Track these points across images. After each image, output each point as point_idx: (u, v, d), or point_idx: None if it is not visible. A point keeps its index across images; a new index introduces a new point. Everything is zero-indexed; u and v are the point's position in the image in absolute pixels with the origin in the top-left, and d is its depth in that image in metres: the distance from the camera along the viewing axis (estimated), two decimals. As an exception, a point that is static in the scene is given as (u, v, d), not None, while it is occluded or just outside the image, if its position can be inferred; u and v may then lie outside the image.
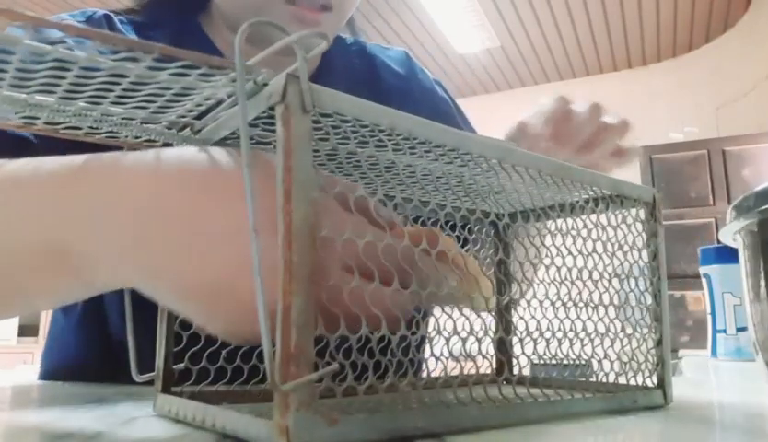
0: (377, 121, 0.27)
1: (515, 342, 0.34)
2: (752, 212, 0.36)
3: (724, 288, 0.97)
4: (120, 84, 0.28)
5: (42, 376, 0.65)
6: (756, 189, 0.37)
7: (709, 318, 0.99)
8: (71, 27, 0.26)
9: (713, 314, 0.98)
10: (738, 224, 0.38)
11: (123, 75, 0.27)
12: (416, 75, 0.77)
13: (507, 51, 4.20)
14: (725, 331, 0.96)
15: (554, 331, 0.34)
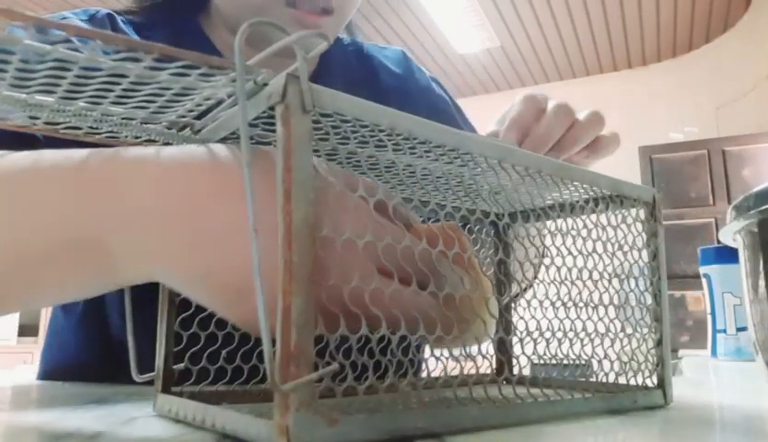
0: (377, 121, 0.27)
1: (515, 342, 0.34)
2: (752, 212, 0.36)
3: (724, 288, 0.97)
4: (120, 84, 0.28)
5: (42, 375, 0.65)
6: (756, 189, 0.37)
7: (709, 318, 0.99)
8: (71, 26, 0.26)
9: (713, 314, 0.98)
10: (738, 224, 0.38)
11: (123, 75, 0.27)
12: (414, 75, 0.77)
13: (507, 51, 4.20)
14: (725, 331, 0.96)
15: (554, 331, 0.34)
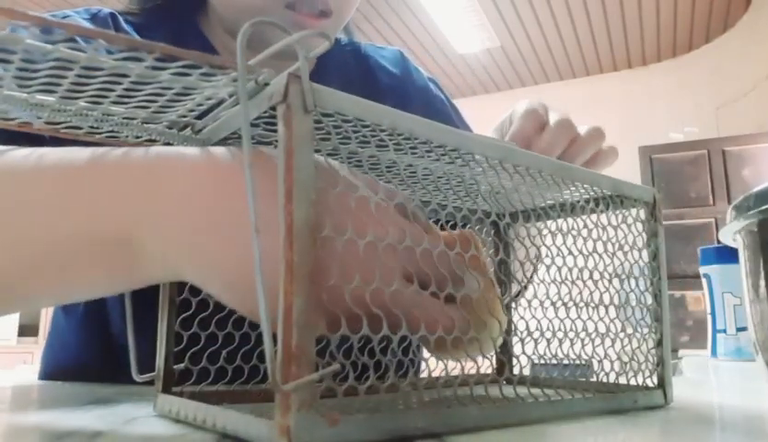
0: (378, 120, 0.27)
1: (515, 342, 0.34)
2: (752, 212, 0.36)
3: (724, 288, 0.97)
4: (121, 83, 0.28)
5: (43, 376, 0.65)
6: (756, 189, 0.37)
7: (709, 318, 0.99)
8: (72, 26, 0.26)
9: (713, 314, 0.98)
10: (738, 224, 0.38)
11: (125, 74, 0.27)
12: (411, 75, 0.77)
13: (507, 51, 4.20)
14: (725, 331, 0.96)
15: (555, 330, 0.34)
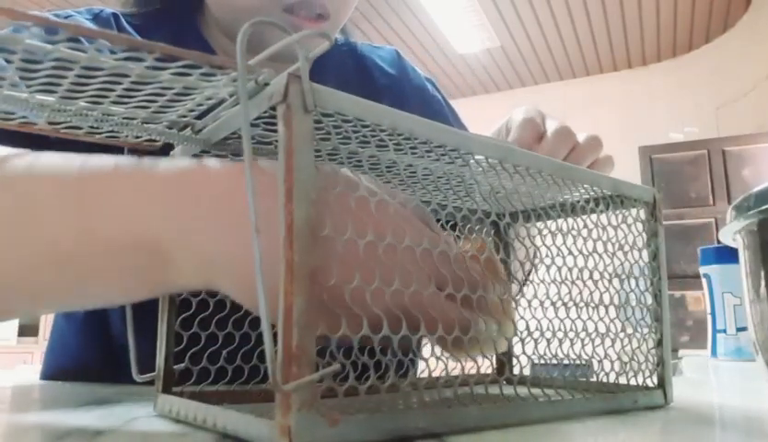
0: (378, 120, 0.27)
1: (515, 341, 0.34)
2: (752, 212, 0.36)
3: (724, 288, 0.97)
4: (121, 83, 0.28)
5: (43, 376, 0.65)
6: (756, 189, 0.37)
7: (709, 318, 0.99)
8: (72, 26, 0.26)
9: (713, 314, 0.98)
10: (738, 224, 0.38)
11: (125, 74, 0.27)
12: (407, 74, 0.77)
13: (507, 51, 4.20)
14: (725, 331, 0.96)
15: (555, 331, 0.34)
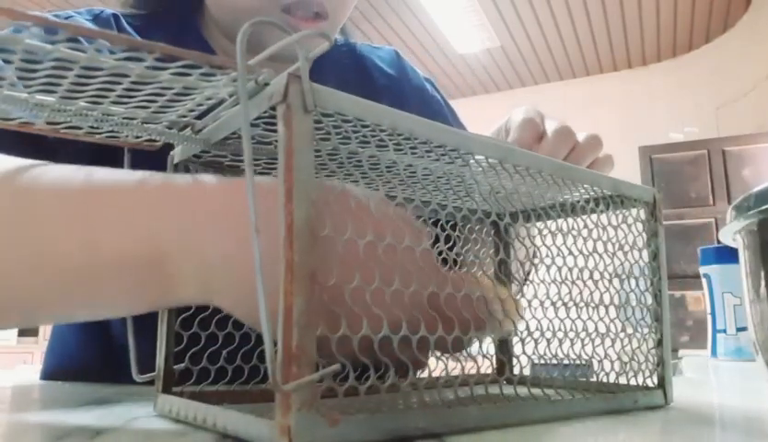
0: (378, 120, 0.27)
1: (516, 341, 0.34)
2: (752, 212, 0.36)
3: (724, 288, 0.97)
4: (121, 83, 0.28)
5: (43, 376, 0.65)
6: (756, 189, 0.37)
7: (709, 318, 0.99)
8: (72, 26, 0.26)
9: (713, 314, 0.98)
10: (738, 224, 0.38)
11: (124, 74, 0.27)
12: (407, 74, 0.77)
13: (507, 51, 4.20)
14: (725, 331, 0.96)
15: (555, 330, 0.34)
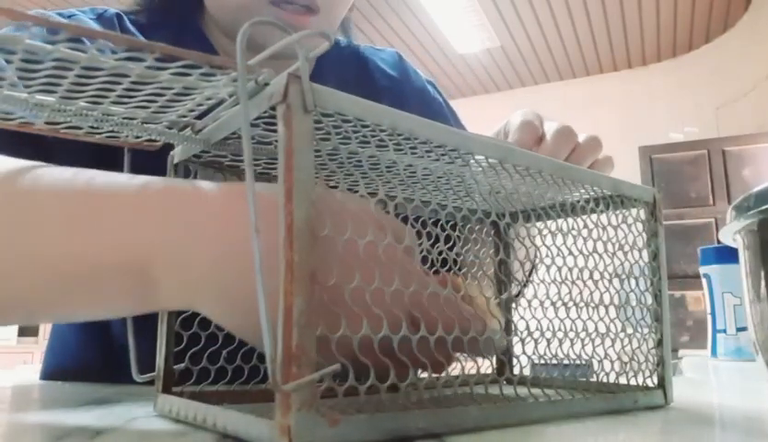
0: (378, 120, 0.27)
1: (516, 341, 0.34)
2: (752, 212, 0.36)
3: (724, 288, 0.97)
4: (121, 83, 0.28)
5: (43, 376, 0.65)
6: (756, 189, 0.37)
7: (709, 318, 0.99)
8: (71, 26, 0.26)
9: (713, 314, 0.98)
10: (738, 224, 0.38)
11: (125, 74, 0.27)
12: (409, 77, 0.77)
13: (507, 51, 4.20)
14: (725, 331, 0.96)
15: (555, 331, 0.34)
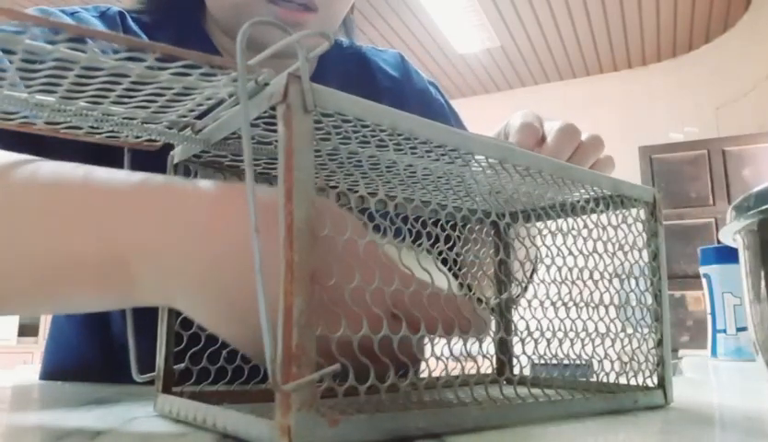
0: (378, 120, 0.27)
1: (516, 341, 0.34)
2: (752, 212, 0.36)
3: (724, 288, 0.97)
4: (121, 83, 0.28)
5: (43, 375, 0.65)
6: (756, 189, 0.37)
7: (709, 318, 0.99)
8: (71, 26, 0.26)
9: (713, 314, 0.98)
10: (738, 224, 0.38)
11: (125, 74, 0.27)
12: (410, 78, 0.77)
13: (507, 51, 4.20)
14: (725, 331, 0.96)
15: (555, 330, 0.34)
